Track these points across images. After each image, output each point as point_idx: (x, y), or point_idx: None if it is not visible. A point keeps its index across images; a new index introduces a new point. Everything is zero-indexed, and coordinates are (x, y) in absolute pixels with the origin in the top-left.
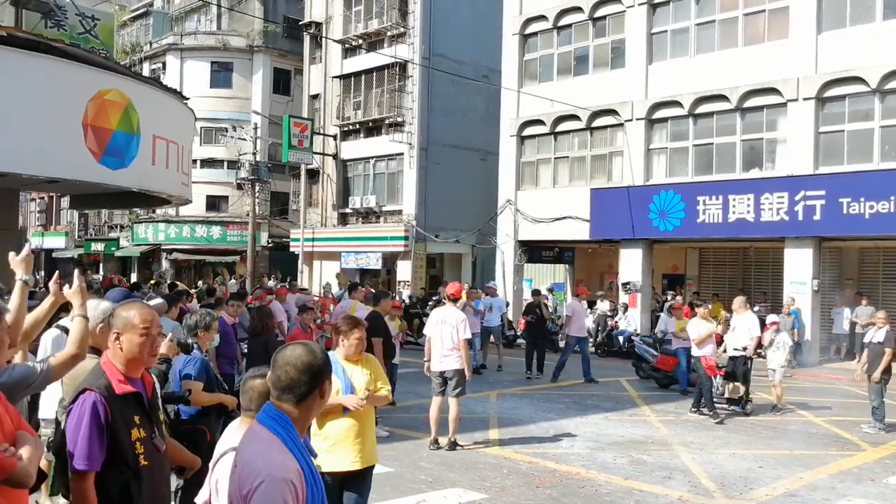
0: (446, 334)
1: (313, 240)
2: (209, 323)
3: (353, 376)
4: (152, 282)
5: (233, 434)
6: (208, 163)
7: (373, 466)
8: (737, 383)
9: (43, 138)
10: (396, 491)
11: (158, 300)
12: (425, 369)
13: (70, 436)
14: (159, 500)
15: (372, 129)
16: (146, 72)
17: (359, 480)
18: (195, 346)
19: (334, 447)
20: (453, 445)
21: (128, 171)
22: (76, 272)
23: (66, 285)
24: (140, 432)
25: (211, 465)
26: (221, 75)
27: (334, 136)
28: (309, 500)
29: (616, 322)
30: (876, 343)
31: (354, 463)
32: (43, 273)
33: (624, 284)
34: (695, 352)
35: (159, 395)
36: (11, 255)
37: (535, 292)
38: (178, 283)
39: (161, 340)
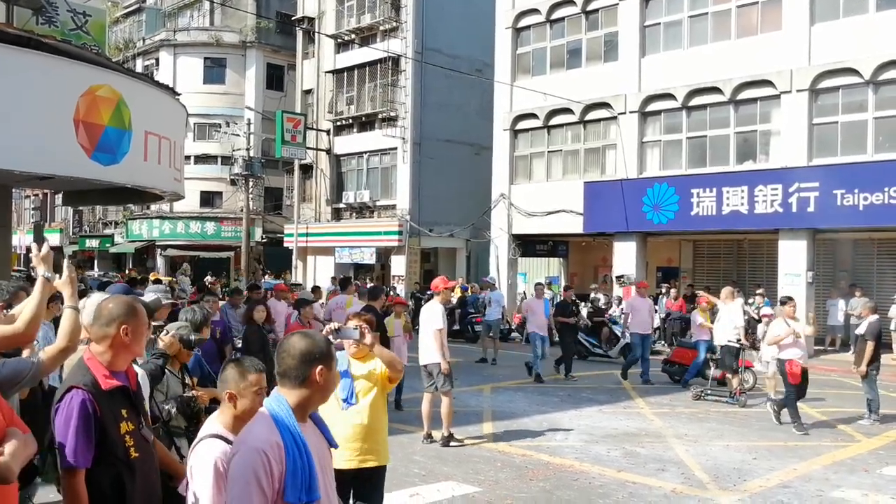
0: (425, 328)
1: (307, 235)
2: (208, 319)
3: (356, 371)
4: (170, 279)
5: (211, 423)
6: (202, 159)
7: (376, 469)
8: (737, 374)
9: (34, 134)
10: (390, 484)
11: (153, 295)
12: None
13: (59, 433)
14: (151, 489)
15: (365, 123)
16: (139, 68)
17: (361, 481)
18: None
19: None
20: (447, 441)
21: (119, 167)
22: (66, 262)
23: (57, 275)
24: (128, 425)
25: (189, 451)
26: (214, 71)
27: (327, 131)
28: (289, 471)
29: (611, 315)
30: (859, 336)
31: (348, 461)
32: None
33: (618, 277)
34: (780, 354)
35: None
36: (34, 252)
37: (568, 287)
38: (160, 278)
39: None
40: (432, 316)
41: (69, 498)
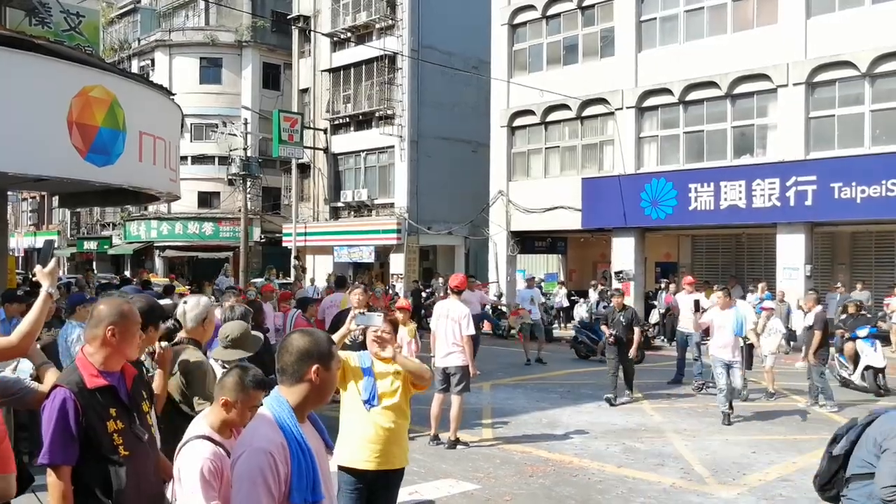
0: (449, 329)
1: (305, 234)
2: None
3: (379, 369)
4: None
5: (198, 423)
6: (199, 159)
7: (395, 471)
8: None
9: (27, 136)
10: None
11: (167, 301)
12: (431, 364)
13: (44, 431)
14: (148, 487)
15: (362, 122)
16: (135, 69)
17: (380, 483)
18: None
19: (346, 439)
20: (454, 444)
21: (114, 167)
22: (53, 260)
23: (39, 265)
24: (117, 424)
25: (176, 453)
26: (211, 71)
27: (324, 130)
28: (294, 471)
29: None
30: (806, 328)
31: (367, 462)
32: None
33: (617, 273)
34: None
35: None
36: (38, 267)
37: (619, 292)
38: (149, 279)
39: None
40: (458, 317)
41: (52, 494)
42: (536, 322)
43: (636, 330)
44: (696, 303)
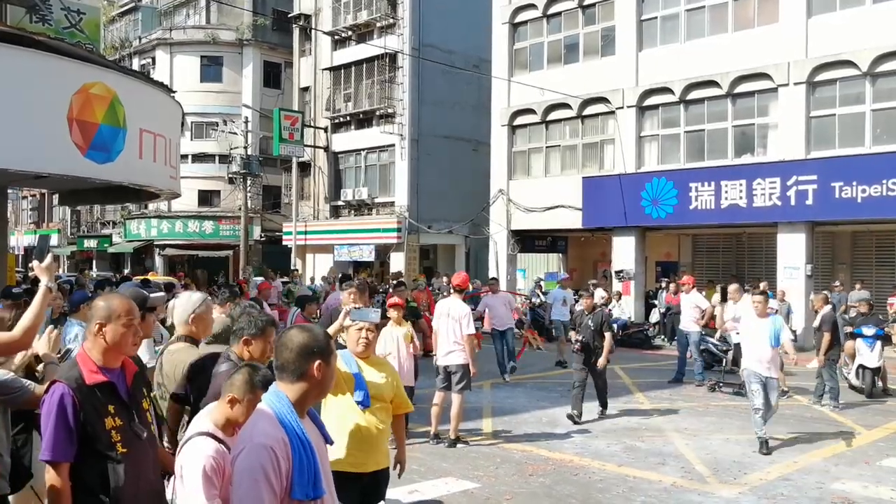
0: (450, 328)
1: (306, 233)
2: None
3: (368, 375)
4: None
5: (201, 419)
6: (200, 157)
7: (385, 469)
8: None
9: (27, 133)
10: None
11: (160, 293)
12: (434, 362)
13: (42, 427)
14: (146, 483)
15: (363, 120)
16: (136, 67)
17: (373, 483)
18: None
19: (339, 442)
20: (454, 442)
21: (114, 165)
22: (50, 256)
23: (36, 261)
24: (115, 421)
25: (178, 448)
26: (211, 69)
27: (325, 129)
28: (296, 466)
29: (610, 310)
30: (815, 329)
31: (364, 465)
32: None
33: (617, 272)
34: None
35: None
36: (35, 262)
37: (588, 292)
38: (148, 278)
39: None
40: (458, 316)
41: (50, 491)
42: (567, 323)
43: (607, 336)
44: (724, 290)
